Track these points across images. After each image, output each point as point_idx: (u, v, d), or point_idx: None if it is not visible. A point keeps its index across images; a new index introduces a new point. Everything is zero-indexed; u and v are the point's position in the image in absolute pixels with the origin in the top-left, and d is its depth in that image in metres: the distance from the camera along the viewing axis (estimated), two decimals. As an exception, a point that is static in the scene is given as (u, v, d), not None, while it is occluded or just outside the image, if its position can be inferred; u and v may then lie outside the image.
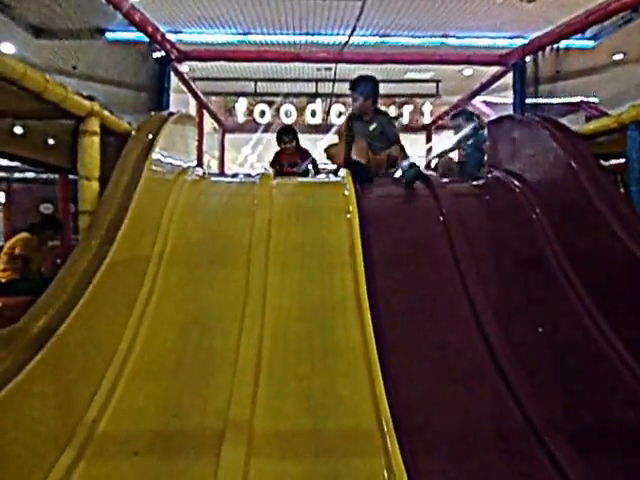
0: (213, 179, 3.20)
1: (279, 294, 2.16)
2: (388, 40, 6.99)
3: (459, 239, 2.41)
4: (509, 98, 4.83)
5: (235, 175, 3.64)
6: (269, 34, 6.95)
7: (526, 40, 4.56)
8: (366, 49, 6.98)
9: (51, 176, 6.00)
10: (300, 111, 9.15)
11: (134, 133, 2.46)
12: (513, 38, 6.53)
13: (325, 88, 8.75)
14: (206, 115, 6.11)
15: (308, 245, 2.41)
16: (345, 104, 8.77)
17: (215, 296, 2.18)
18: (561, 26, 3.93)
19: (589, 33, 5.95)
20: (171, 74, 4.44)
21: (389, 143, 3.37)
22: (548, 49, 4.10)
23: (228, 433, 1.58)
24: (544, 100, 4.24)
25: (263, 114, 9.09)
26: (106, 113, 2.32)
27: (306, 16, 6.45)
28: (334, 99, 9.08)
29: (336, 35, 6.85)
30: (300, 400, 1.76)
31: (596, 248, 2.08)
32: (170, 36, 4.55)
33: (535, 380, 1.85)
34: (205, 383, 1.82)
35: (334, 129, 6.10)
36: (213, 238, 2.46)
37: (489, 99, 7.33)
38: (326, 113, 9.24)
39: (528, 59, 4.37)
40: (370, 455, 1.56)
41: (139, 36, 3.98)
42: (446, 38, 6.93)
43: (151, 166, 2.33)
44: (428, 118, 8.82)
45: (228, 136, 7.18)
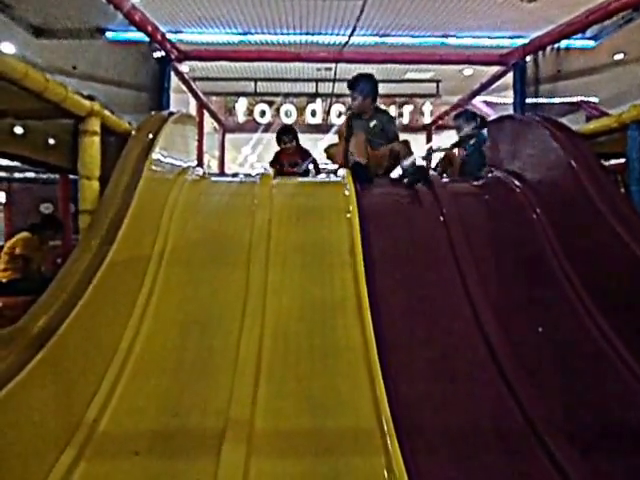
0: (213, 179, 3.19)
1: (279, 294, 2.15)
2: (388, 40, 6.99)
3: (459, 239, 2.41)
4: (509, 98, 4.83)
5: (235, 175, 3.65)
6: (269, 34, 6.96)
7: (526, 40, 4.57)
8: (366, 49, 6.98)
9: (51, 176, 6.00)
10: (300, 111, 9.15)
11: (134, 133, 2.46)
12: (513, 38, 6.53)
13: (325, 88, 8.75)
14: (206, 115, 6.12)
15: (308, 245, 2.41)
16: (345, 104, 8.77)
17: (215, 296, 2.18)
18: (561, 26, 3.93)
19: (589, 33, 5.96)
20: (171, 74, 4.45)
21: (389, 141, 3.34)
22: (548, 49, 4.10)
23: (228, 433, 1.58)
24: (544, 100, 4.24)
25: (263, 114, 9.09)
26: (106, 113, 2.32)
27: (306, 16, 6.45)
28: (334, 99, 9.07)
29: (336, 35, 6.84)
30: (300, 400, 1.75)
31: (596, 248, 2.07)
32: (170, 36, 4.56)
33: (535, 380, 1.85)
34: (205, 383, 1.82)
35: (334, 129, 6.09)
36: (213, 238, 2.46)
37: (489, 99, 7.34)
38: (326, 113, 9.24)
39: (528, 59, 4.37)
40: (370, 455, 1.56)
41: (139, 36, 3.99)
42: (446, 38, 6.93)
43: (151, 166, 2.33)
44: (428, 118, 8.83)
45: (228, 136, 7.19)
